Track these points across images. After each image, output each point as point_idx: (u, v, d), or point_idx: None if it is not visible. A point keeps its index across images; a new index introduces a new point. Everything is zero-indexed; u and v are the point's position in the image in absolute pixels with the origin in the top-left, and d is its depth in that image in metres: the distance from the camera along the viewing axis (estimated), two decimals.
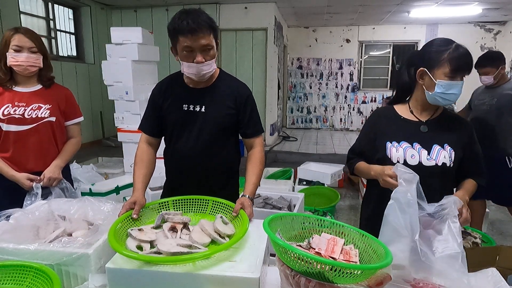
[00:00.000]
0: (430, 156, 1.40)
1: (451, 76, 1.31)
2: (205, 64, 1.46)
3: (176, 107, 1.58)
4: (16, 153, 1.83)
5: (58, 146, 1.95)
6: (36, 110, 1.84)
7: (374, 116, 1.58)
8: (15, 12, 5.12)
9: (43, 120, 1.86)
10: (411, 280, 1.23)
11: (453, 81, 1.31)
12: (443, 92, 1.32)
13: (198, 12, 1.43)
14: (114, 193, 3.68)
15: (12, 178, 1.81)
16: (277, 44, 7.46)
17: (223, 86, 1.60)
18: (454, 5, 6.82)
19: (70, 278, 1.12)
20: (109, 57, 4.23)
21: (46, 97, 1.89)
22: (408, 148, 1.42)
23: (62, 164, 1.93)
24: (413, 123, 1.46)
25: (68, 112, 2.00)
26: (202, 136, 1.58)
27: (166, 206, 1.40)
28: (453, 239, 1.12)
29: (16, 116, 1.80)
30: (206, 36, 1.42)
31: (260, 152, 1.64)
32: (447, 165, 1.39)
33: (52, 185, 1.84)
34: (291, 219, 1.15)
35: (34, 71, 1.82)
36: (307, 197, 3.52)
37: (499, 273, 1.24)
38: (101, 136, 7.00)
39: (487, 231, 3.38)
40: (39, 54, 1.81)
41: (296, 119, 9.97)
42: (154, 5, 6.97)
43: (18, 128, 1.82)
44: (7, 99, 1.81)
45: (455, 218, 1.15)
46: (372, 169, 1.41)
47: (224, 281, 0.99)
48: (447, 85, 1.31)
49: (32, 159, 1.85)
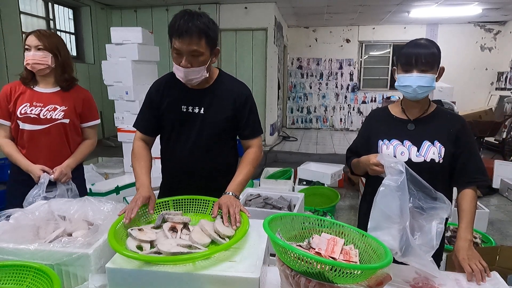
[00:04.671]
0: (419, 153, 1.43)
1: (405, 70, 1.40)
2: (191, 70, 1.42)
3: (175, 107, 1.56)
4: (29, 151, 1.89)
5: (71, 147, 1.98)
6: (52, 111, 1.88)
7: (369, 116, 1.65)
8: (15, 12, 5.12)
9: (56, 122, 1.89)
10: (410, 280, 1.24)
11: (405, 74, 1.40)
12: (399, 85, 1.43)
13: (195, 15, 1.39)
14: (114, 193, 3.68)
15: (27, 168, 1.85)
16: (277, 44, 7.46)
17: (223, 87, 1.58)
18: (454, 5, 6.83)
19: (70, 278, 1.12)
20: (109, 57, 4.23)
21: (64, 99, 1.92)
22: (398, 145, 1.46)
23: (73, 165, 1.96)
24: (403, 121, 1.51)
25: (85, 114, 2.02)
26: (201, 138, 1.56)
27: (167, 206, 1.40)
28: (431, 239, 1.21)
29: (31, 116, 1.85)
30: (194, 41, 1.37)
31: (254, 152, 1.61)
32: (436, 161, 1.42)
33: (61, 181, 1.87)
34: (291, 219, 1.15)
35: (42, 69, 1.84)
36: (307, 197, 3.52)
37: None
38: (101, 136, 7.00)
39: (487, 231, 3.38)
40: (47, 52, 1.83)
41: (296, 119, 9.98)
42: (154, 5, 6.97)
43: (32, 128, 1.87)
44: (26, 98, 1.87)
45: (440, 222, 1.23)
46: (360, 161, 1.48)
47: (224, 281, 0.99)
48: (401, 78, 1.42)
49: (42, 158, 1.89)
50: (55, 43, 1.86)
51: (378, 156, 1.34)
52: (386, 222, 1.20)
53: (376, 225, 1.22)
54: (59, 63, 1.88)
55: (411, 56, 1.38)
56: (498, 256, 2.00)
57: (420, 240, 1.21)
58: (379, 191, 1.24)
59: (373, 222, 1.23)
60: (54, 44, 1.86)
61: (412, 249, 1.16)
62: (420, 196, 1.23)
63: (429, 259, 1.17)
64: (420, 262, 1.17)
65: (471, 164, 1.44)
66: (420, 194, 1.23)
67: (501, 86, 8.56)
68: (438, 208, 1.23)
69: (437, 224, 1.22)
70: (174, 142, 1.61)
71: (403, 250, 1.17)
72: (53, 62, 1.86)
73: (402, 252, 1.17)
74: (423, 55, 1.36)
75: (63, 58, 1.89)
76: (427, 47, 1.37)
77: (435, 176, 1.39)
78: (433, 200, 1.24)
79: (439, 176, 1.42)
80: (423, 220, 1.23)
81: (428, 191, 1.24)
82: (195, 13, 1.40)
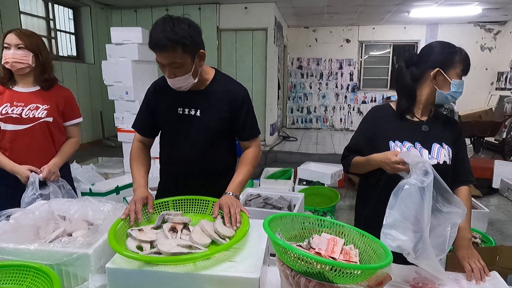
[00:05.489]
0: (431, 155, 1.42)
1: (461, 76, 1.41)
2: (176, 79, 1.41)
3: (171, 110, 1.56)
4: (13, 152, 1.85)
5: (56, 146, 1.97)
6: (34, 110, 1.86)
7: (372, 114, 1.57)
8: (15, 12, 5.12)
9: (40, 120, 1.87)
10: (410, 280, 1.24)
11: (461, 80, 1.41)
12: (455, 91, 1.41)
13: (170, 24, 1.31)
14: (114, 193, 3.68)
15: (12, 170, 1.82)
16: (277, 44, 7.46)
17: (219, 89, 1.56)
18: (454, 5, 6.83)
19: (70, 278, 1.12)
20: (109, 57, 4.24)
21: (45, 97, 1.91)
22: (411, 148, 1.43)
23: (60, 163, 1.94)
24: (414, 123, 1.48)
25: (67, 113, 2.01)
26: (198, 140, 1.56)
27: (167, 207, 1.40)
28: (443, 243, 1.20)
29: (13, 116, 1.82)
30: (170, 54, 1.33)
31: (252, 152, 1.61)
32: (447, 163, 1.41)
33: (50, 179, 1.85)
34: (291, 219, 1.15)
35: (22, 68, 1.82)
36: (307, 197, 3.52)
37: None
38: (101, 136, 7.00)
39: (487, 231, 3.38)
40: (27, 51, 1.81)
41: (296, 119, 9.98)
42: (154, 5, 6.97)
43: (15, 128, 1.84)
44: (6, 99, 1.83)
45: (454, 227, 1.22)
46: (372, 159, 1.40)
47: (224, 281, 0.99)
48: (459, 84, 1.40)
49: (29, 158, 1.86)
50: (36, 43, 1.85)
51: (400, 154, 1.27)
52: (405, 222, 1.16)
53: (394, 223, 1.17)
54: (40, 63, 1.87)
55: (468, 62, 1.42)
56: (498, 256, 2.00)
57: (432, 243, 1.18)
58: (404, 189, 1.18)
59: (391, 218, 1.18)
60: (35, 43, 1.84)
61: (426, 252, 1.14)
62: (439, 198, 1.20)
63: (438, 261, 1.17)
64: (429, 264, 1.16)
65: (464, 165, 1.48)
66: (439, 196, 1.20)
67: (501, 86, 8.56)
68: (454, 213, 1.20)
69: (451, 228, 1.21)
70: (172, 143, 1.61)
71: (418, 253, 1.15)
72: (33, 61, 1.84)
73: (416, 255, 1.15)
74: (469, 60, 1.42)
75: (43, 58, 1.88)
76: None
77: (447, 179, 1.38)
78: (450, 204, 1.21)
79: (449, 178, 1.41)
80: (437, 223, 1.21)
81: (448, 194, 1.21)
82: (170, 22, 1.33)
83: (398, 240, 1.13)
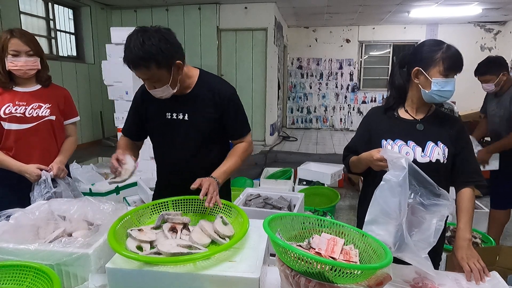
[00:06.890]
0: (424, 153, 1.43)
1: (445, 74, 1.36)
2: (155, 90, 1.43)
3: (159, 114, 1.57)
4: (18, 151, 1.86)
5: (58, 144, 1.99)
6: (37, 109, 1.88)
7: (369, 115, 1.63)
8: (15, 12, 5.12)
9: (44, 119, 1.89)
10: (410, 280, 1.24)
11: (447, 79, 1.36)
12: (439, 90, 1.37)
13: (142, 39, 1.29)
14: (114, 193, 3.68)
15: (20, 169, 1.82)
16: (277, 44, 7.46)
17: (204, 90, 1.56)
18: (454, 5, 6.82)
19: (70, 278, 1.12)
20: (109, 57, 4.23)
21: (45, 96, 1.92)
22: (403, 146, 1.45)
23: (65, 161, 1.97)
24: (409, 122, 1.49)
25: (67, 111, 2.03)
26: (188, 144, 1.57)
27: (166, 207, 1.40)
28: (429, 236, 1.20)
29: (17, 115, 1.83)
30: (143, 71, 1.34)
31: (243, 146, 1.62)
32: (441, 162, 1.42)
33: (60, 176, 1.88)
34: (291, 219, 1.15)
35: (33, 73, 1.86)
36: (307, 197, 3.52)
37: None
38: (101, 136, 6.99)
39: None
40: (36, 57, 1.84)
41: (296, 119, 9.97)
42: (154, 5, 6.97)
43: (19, 127, 1.85)
44: (7, 99, 1.84)
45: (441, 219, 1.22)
46: (361, 158, 1.45)
47: (224, 281, 0.99)
48: (442, 82, 1.36)
49: (35, 156, 1.88)
50: (39, 46, 1.87)
51: (381, 151, 1.32)
52: (383, 217, 1.20)
53: (373, 219, 1.22)
54: (44, 63, 1.91)
55: (453, 60, 1.35)
56: (498, 256, 2.00)
57: (418, 236, 1.20)
58: (379, 185, 1.24)
59: (370, 216, 1.23)
60: (39, 47, 1.87)
61: (407, 245, 1.16)
62: (422, 192, 1.22)
63: (423, 256, 1.17)
64: (414, 259, 1.17)
65: (468, 165, 1.46)
66: (423, 190, 1.22)
67: None
68: (440, 205, 1.22)
69: (437, 221, 1.21)
70: (162, 147, 1.63)
71: (396, 246, 1.17)
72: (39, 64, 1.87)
73: (395, 248, 1.17)
74: (460, 59, 1.37)
75: (44, 59, 1.91)
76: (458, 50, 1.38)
77: (440, 177, 1.38)
78: (436, 197, 1.22)
79: (442, 177, 1.42)
80: (423, 216, 1.22)
81: (432, 187, 1.22)
82: (140, 37, 1.30)
83: (378, 235, 1.15)
